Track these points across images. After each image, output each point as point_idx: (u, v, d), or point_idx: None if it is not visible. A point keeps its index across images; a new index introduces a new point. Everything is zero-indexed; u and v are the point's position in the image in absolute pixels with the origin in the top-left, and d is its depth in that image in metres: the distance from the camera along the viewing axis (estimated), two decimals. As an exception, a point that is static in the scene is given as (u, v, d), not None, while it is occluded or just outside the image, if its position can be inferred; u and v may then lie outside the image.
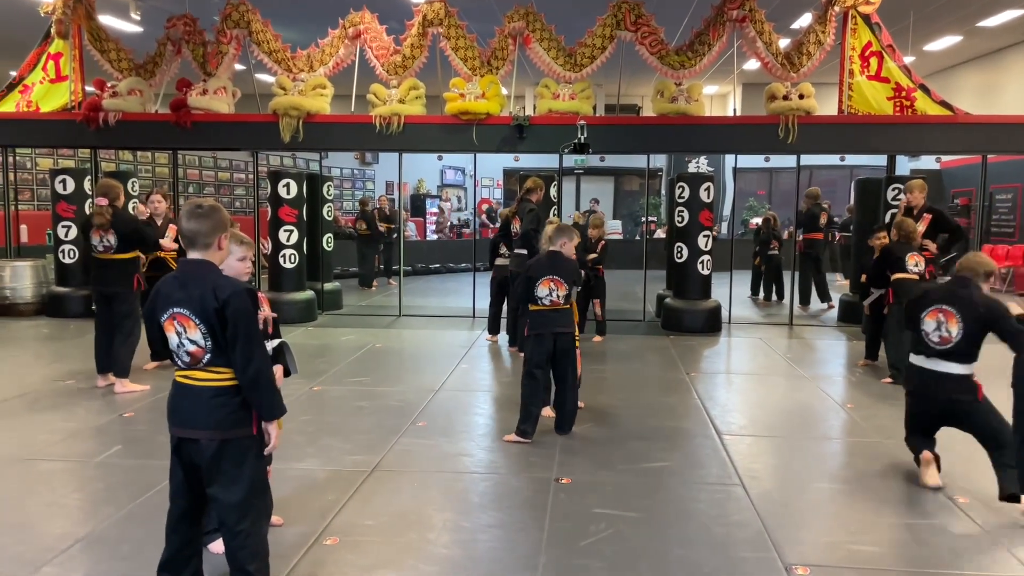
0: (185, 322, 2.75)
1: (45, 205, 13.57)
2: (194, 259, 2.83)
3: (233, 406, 2.79)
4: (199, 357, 2.77)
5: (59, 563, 3.25)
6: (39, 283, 10.09)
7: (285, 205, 9.68)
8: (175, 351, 2.81)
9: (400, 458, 4.63)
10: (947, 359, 4.16)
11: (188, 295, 2.75)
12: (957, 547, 3.54)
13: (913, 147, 10.40)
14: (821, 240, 11.30)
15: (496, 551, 3.44)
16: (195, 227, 2.80)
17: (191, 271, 2.82)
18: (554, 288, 5.07)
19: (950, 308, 4.15)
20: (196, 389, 2.79)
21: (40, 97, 10.35)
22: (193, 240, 2.81)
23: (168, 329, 2.79)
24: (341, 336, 8.84)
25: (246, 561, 2.80)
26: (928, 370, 4.23)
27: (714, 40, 9.40)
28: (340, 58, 9.95)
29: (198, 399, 2.78)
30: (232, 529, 2.79)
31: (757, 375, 7.25)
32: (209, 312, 2.72)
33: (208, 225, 2.81)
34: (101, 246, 6.27)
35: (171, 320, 2.77)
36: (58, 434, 5.02)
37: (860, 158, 15.79)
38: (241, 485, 2.78)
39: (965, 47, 15.91)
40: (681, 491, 4.18)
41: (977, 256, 4.36)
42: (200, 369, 2.78)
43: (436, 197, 20.86)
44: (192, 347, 2.76)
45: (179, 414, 2.82)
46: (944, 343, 4.15)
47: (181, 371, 2.83)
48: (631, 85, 17.80)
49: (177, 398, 2.84)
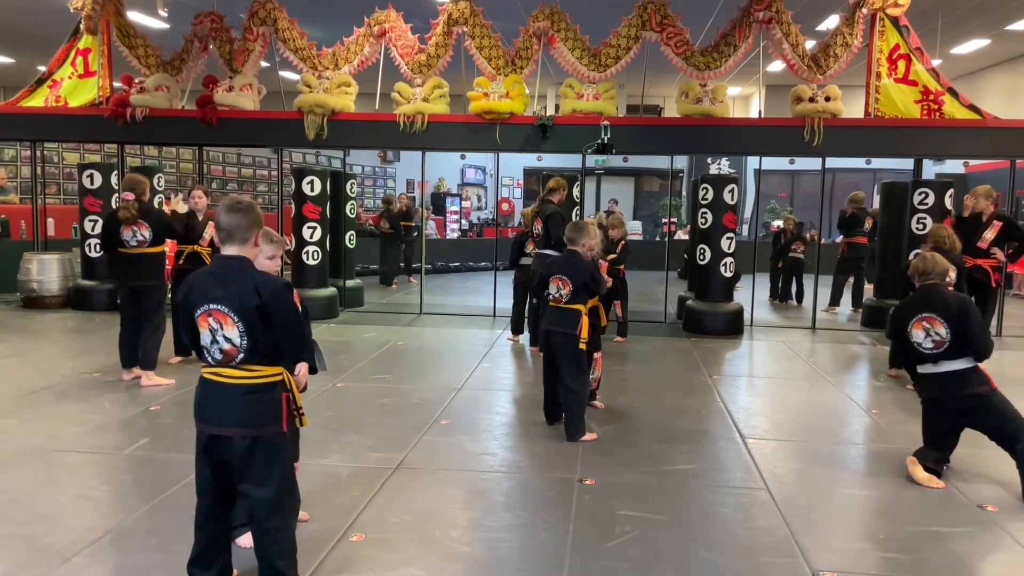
0: (222, 319, 2.75)
1: (71, 199, 13.74)
2: (230, 255, 2.83)
3: (266, 403, 2.80)
4: (233, 356, 2.77)
5: (88, 554, 3.29)
6: (65, 276, 10.20)
7: (309, 202, 9.72)
8: (207, 348, 2.81)
9: (423, 456, 4.64)
10: (951, 359, 4.31)
11: (227, 292, 2.75)
12: (985, 556, 3.50)
13: (941, 151, 10.30)
14: (866, 245, 11.14)
15: (521, 551, 3.44)
16: (235, 222, 2.81)
17: (228, 267, 2.81)
18: (560, 286, 5.06)
19: (931, 314, 4.33)
20: (227, 387, 2.79)
21: (68, 92, 10.48)
22: (232, 234, 2.81)
23: (202, 325, 2.79)
24: (363, 333, 8.87)
25: (275, 557, 2.83)
26: (939, 373, 4.35)
27: (740, 41, 9.36)
28: (365, 56, 9.99)
29: (230, 397, 2.79)
30: (262, 525, 2.82)
31: (780, 379, 7.20)
32: (249, 309, 2.73)
33: (247, 220, 2.82)
34: (134, 240, 6.27)
35: (206, 316, 2.77)
36: (85, 426, 5.07)
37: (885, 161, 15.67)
38: (272, 482, 2.80)
39: (993, 50, 15.73)
40: (706, 494, 4.16)
41: (935, 259, 4.53)
42: (232, 367, 2.79)
43: (457, 196, 20.90)
44: (227, 345, 2.76)
45: (209, 411, 2.83)
46: (939, 346, 4.32)
47: (210, 368, 2.83)
48: (653, 86, 17.73)
49: (206, 395, 2.84)
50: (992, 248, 7.46)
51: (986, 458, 4.58)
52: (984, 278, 7.53)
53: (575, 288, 5.03)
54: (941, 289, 4.45)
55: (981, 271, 7.54)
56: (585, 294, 5.08)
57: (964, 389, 4.28)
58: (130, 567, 3.20)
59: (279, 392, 2.87)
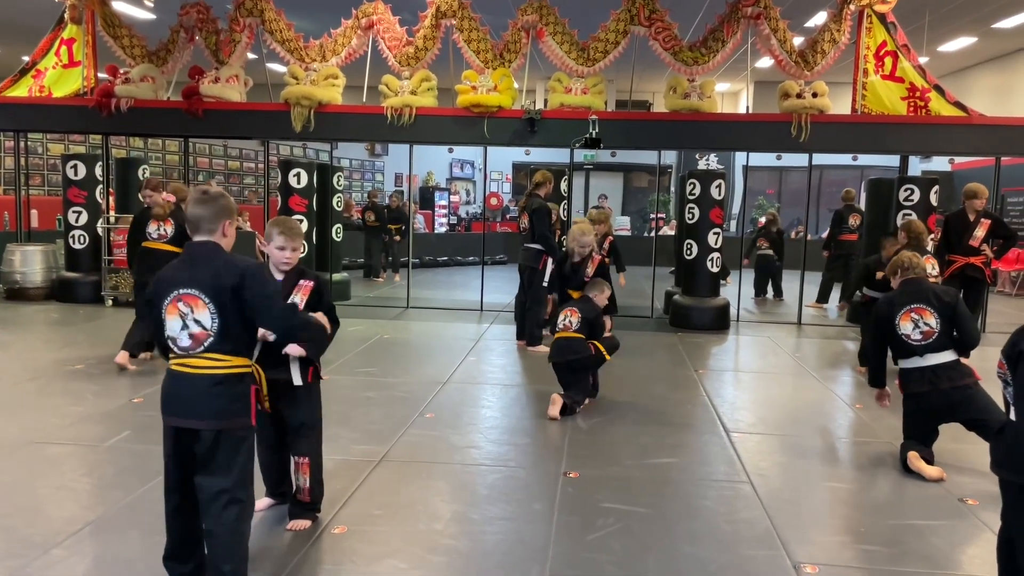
0: (193, 302, 2.70)
1: (55, 190, 13.62)
2: (199, 240, 2.80)
3: (234, 395, 2.76)
4: (201, 340, 2.72)
5: (68, 546, 3.26)
6: (49, 268, 10.12)
7: (295, 195, 9.67)
8: (173, 337, 2.75)
9: (408, 449, 4.63)
10: (936, 351, 4.35)
11: (196, 275, 2.72)
12: (966, 548, 3.53)
13: (926, 148, 10.36)
14: (853, 242, 11.18)
15: (504, 543, 3.44)
16: (199, 212, 2.79)
17: (197, 252, 2.79)
18: (568, 315, 5.63)
19: (920, 305, 4.38)
20: (194, 378, 2.73)
21: (52, 82, 10.39)
22: (197, 225, 2.81)
23: (171, 313, 2.73)
24: (349, 327, 8.83)
25: (221, 560, 2.74)
26: (925, 367, 4.38)
27: (728, 37, 9.37)
28: (352, 48, 9.95)
29: (197, 388, 2.73)
30: (215, 519, 2.73)
31: (765, 373, 7.23)
32: (222, 288, 2.69)
33: (212, 210, 2.79)
34: (156, 234, 6.50)
35: (175, 303, 2.72)
36: (67, 418, 5.04)
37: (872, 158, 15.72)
38: (231, 475, 2.74)
39: (980, 48, 15.82)
40: (689, 487, 4.18)
41: (914, 256, 4.61)
42: (198, 356, 2.73)
43: (445, 190, 20.86)
44: (197, 328, 2.71)
45: (176, 403, 2.77)
46: (928, 337, 4.36)
47: (178, 359, 2.76)
48: (642, 81, 17.72)
49: (174, 387, 2.78)
50: (983, 245, 7.55)
51: (967, 452, 4.61)
52: (979, 275, 7.64)
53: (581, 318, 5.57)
54: (926, 281, 4.51)
55: (975, 268, 7.63)
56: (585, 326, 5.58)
57: (953, 381, 4.31)
58: (110, 559, 3.18)
59: (247, 384, 2.82)
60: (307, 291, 3.44)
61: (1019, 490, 2.55)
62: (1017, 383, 2.53)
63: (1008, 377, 2.58)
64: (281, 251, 3.39)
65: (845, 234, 11.23)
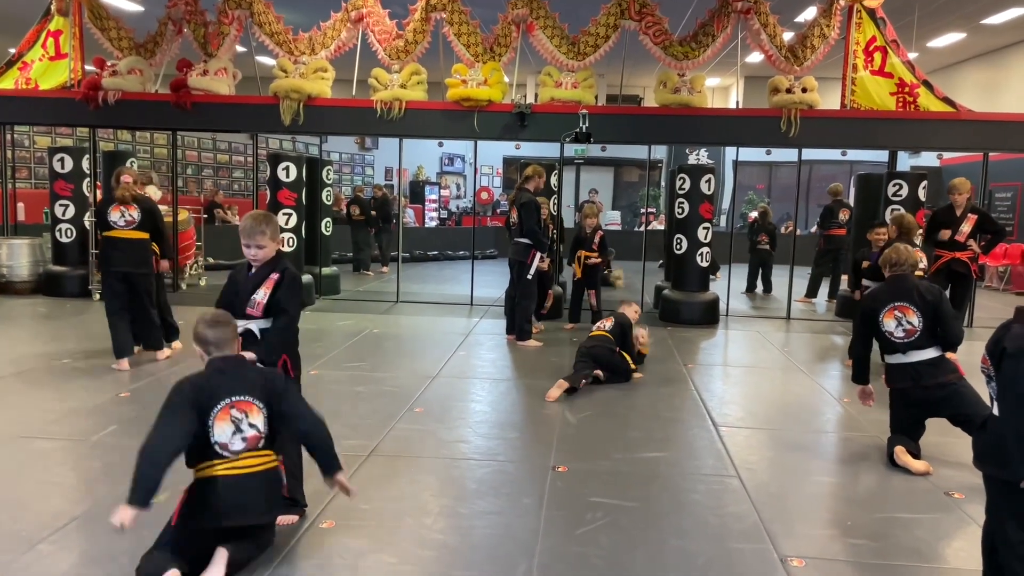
0: (247, 408, 2.92)
1: (42, 183, 13.52)
2: (226, 356, 3.04)
3: (281, 486, 3.14)
4: (256, 442, 2.96)
5: (54, 541, 3.25)
6: (35, 261, 10.06)
7: (284, 188, 9.63)
8: (222, 442, 2.90)
9: (397, 443, 4.63)
10: (919, 349, 4.37)
11: (246, 384, 2.96)
12: (951, 542, 3.55)
13: (915, 143, 10.40)
14: (843, 236, 11.23)
15: (493, 537, 3.44)
16: (221, 335, 3.03)
17: (231, 365, 3.02)
18: (605, 322, 6.60)
19: (903, 303, 4.40)
20: (251, 475, 2.94)
21: (39, 75, 10.30)
22: (220, 345, 3.04)
23: (221, 420, 2.89)
24: (338, 321, 8.82)
25: None
26: (908, 364, 4.41)
27: (718, 32, 9.37)
28: (342, 41, 9.90)
29: (255, 486, 2.95)
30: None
31: (754, 368, 7.25)
32: (271, 394, 3.00)
33: (231, 332, 3.08)
34: (123, 221, 6.27)
35: (227, 409, 2.90)
36: (54, 413, 5.01)
37: (861, 153, 15.78)
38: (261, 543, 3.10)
39: (969, 44, 15.88)
40: (677, 482, 4.19)
41: (907, 251, 4.63)
42: (252, 455, 2.95)
43: (436, 184, 20.82)
44: (252, 432, 2.93)
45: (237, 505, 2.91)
46: (910, 335, 4.39)
47: (225, 461, 2.91)
48: (632, 76, 17.76)
49: (229, 491, 2.89)
50: (968, 240, 7.58)
51: (953, 446, 4.64)
52: (964, 270, 7.67)
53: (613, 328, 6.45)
54: (912, 279, 4.52)
55: (961, 263, 7.67)
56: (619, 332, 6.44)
57: (935, 378, 4.33)
58: (96, 553, 3.17)
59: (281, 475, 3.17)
60: (271, 284, 3.44)
61: (1001, 485, 2.57)
62: (1000, 379, 2.55)
63: (992, 373, 2.60)
64: (247, 248, 3.44)
65: (834, 229, 11.28)
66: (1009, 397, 2.52)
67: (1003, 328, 2.59)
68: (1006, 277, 14.05)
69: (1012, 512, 2.54)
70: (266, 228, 3.46)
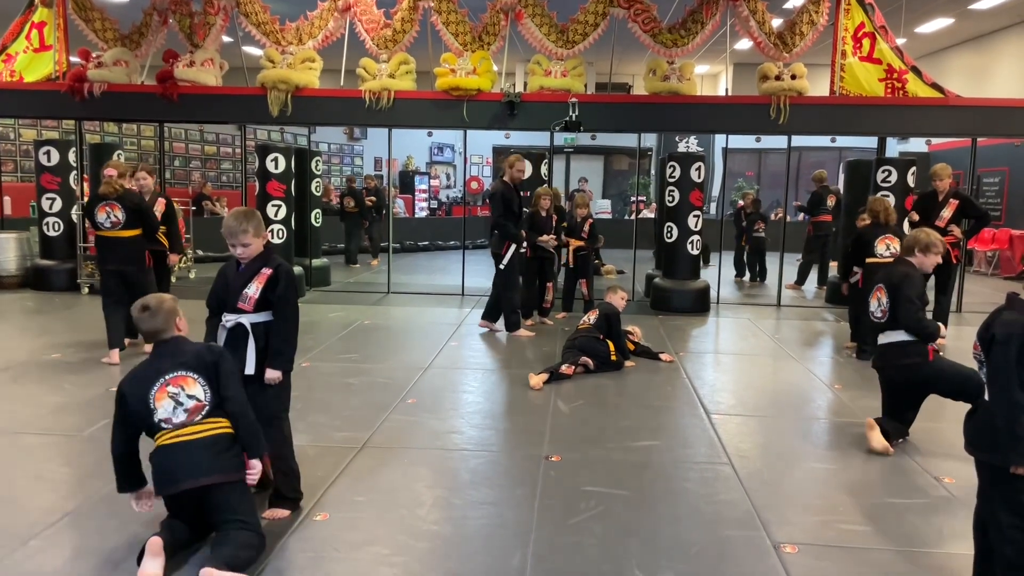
0: (182, 381, 3.01)
1: (29, 177, 13.41)
2: (163, 340, 3.13)
3: (236, 450, 3.08)
4: (199, 410, 3.03)
5: (46, 537, 3.23)
6: (23, 256, 9.98)
7: (273, 180, 9.57)
8: (165, 419, 3.00)
9: (390, 435, 4.62)
10: (888, 331, 4.50)
11: (178, 360, 3.05)
12: (943, 527, 3.57)
13: (904, 129, 10.41)
14: (829, 223, 11.26)
15: (487, 528, 3.45)
16: (154, 325, 3.12)
17: (167, 347, 3.12)
18: (590, 316, 6.60)
19: (880, 284, 4.59)
20: (193, 442, 2.99)
21: (24, 67, 10.19)
22: (158, 333, 3.14)
23: (160, 399, 2.99)
24: (329, 312, 8.80)
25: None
26: (883, 344, 4.56)
27: (707, 19, 9.35)
28: (329, 31, 9.83)
29: (197, 450, 2.99)
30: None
31: (745, 355, 7.28)
32: (208, 365, 3.07)
33: (162, 319, 3.12)
34: (108, 222, 6.28)
35: (164, 387, 3.00)
36: (44, 408, 4.98)
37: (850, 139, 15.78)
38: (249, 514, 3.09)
39: (957, 29, 15.90)
40: (670, 470, 4.20)
41: (913, 237, 4.73)
42: (196, 424, 3.02)
43: (425, 174, 20.74)
44: (192, 403, 3.01)
45: (180, 469, 2.98)
46: (884, 316, 4.52)
47: (167, 432, 3.01)
48: (622, 63, 17.71)
49: (171, 459, 2.99)
50: (950, 225, 7.59)
51: (945, 432, 4.68)
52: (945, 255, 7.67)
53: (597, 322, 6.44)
54: (902, 264, 4.63)
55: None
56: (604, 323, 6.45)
57: (898, 359, 4.46)
58: (89, 549, 3.15)
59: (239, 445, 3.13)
60: (263, 279, 3.41)
61: (992, 470, 2.59)
62: (991, 365, 2.56)
63: (982, 359, 2.61)
64: (232, 248, 3.44)
65: (822, 215, 11.30)
66: (998, 383, 2.54)
67: (994, 314, 2.60)
68: (994, 261, 14.12)
69: (1003, 497, 2.56)
70: (248, 226, 3.41)
